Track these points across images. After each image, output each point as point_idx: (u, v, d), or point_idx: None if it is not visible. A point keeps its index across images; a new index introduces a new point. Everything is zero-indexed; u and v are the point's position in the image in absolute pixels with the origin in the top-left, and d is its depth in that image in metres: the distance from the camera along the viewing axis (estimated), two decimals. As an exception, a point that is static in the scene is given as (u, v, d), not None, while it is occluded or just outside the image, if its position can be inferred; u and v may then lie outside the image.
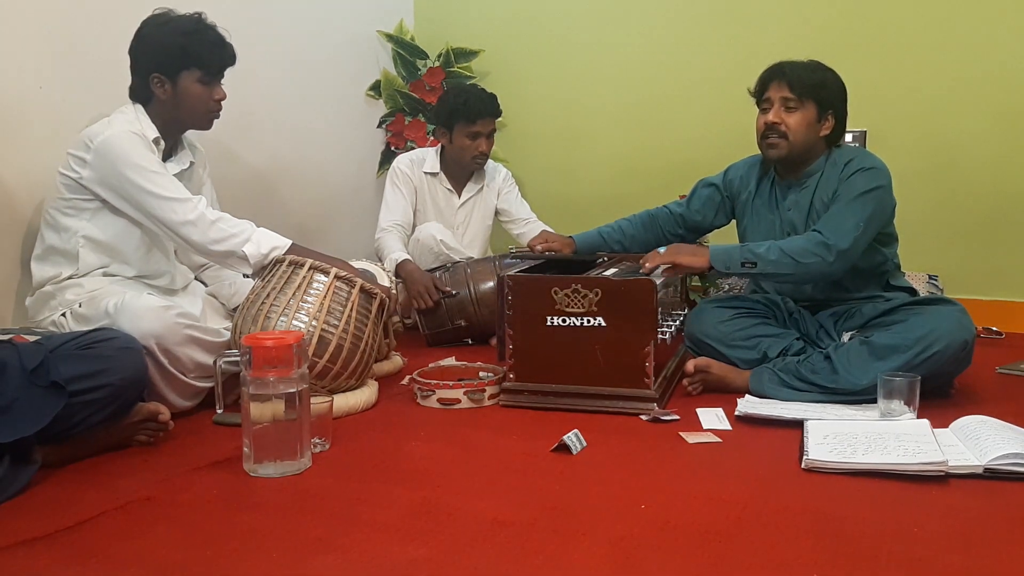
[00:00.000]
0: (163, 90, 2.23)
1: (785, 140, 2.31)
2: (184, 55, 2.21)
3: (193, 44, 2.21)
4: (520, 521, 1.48)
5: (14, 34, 2.34)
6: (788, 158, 2.35)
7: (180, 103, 2.25)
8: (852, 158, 2.34)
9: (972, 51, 3.18)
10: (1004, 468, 1.66)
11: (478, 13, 3.98)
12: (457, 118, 3.14)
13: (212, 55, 2.25)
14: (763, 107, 2.36)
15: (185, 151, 2.39)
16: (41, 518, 1.51)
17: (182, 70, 2.23)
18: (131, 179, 2.13)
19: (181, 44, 2.20)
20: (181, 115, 2.28)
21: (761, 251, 2.25)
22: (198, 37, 2.22)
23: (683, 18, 3.63)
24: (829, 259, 2.21)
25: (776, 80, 2.33)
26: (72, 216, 2.18)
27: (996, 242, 3.22)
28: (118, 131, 2.15)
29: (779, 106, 2.32)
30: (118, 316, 2.01)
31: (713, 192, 2.58)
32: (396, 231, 3.17)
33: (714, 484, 1.66)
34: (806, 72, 2.31)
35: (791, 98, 2.30)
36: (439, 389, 2.22)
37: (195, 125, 2.33)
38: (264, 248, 2.17)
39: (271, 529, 1.47)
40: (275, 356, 1.71)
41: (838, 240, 2.21)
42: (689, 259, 2.31)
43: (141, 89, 2.25)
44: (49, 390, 1.67)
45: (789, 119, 2.31)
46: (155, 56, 2.22)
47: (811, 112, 2.31)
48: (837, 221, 2.24)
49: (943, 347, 2.10)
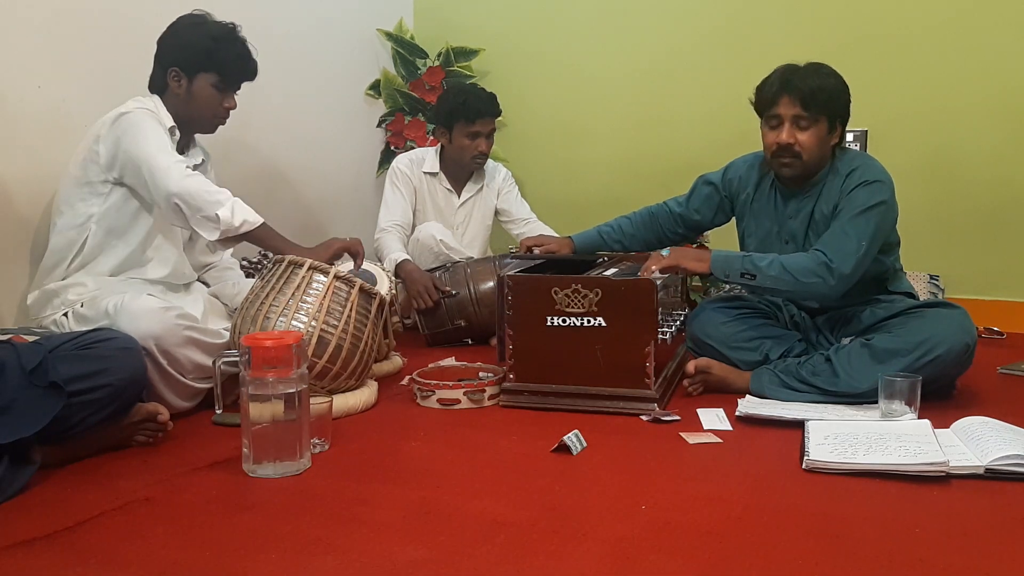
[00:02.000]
0: (178, 84, 2.27)
1: (799, 160, 2.24)
2: (207, 57, 2.25)
3: (219, 50, 2.26)
4: (520, 521, 1.48)
5: (14, 34, 2.34)
6: (799, 176, 2.29)
7: (190, 101, 2.28)
8: (855, 167, 2.26)
9: (973, 51, 3.18)
10: (1005, 469, 1.65)
11: (478, 12, 3.98)
12: (457, 118, 3.13)
13: (234, 65, 2.29)
14: (771, 123, 2.26)
15: (196, 149, 2.42)
16: (41, 518, 1.51)
17: (201, 71, 2.26)
18: (133, 136, 2.14)
19: (207, 47, 2.25)
20: (189, 113, 2.30)
21: (763, 265, 2.21)
22: (226, 45, 2.27)
23: (684, 18, 3.63)
24: (831, 282, 2.18)
25: (787, 95, 2.21)
26: (85, 200, 2.19)
27: (997, 242, 3.22)
28: (137, 108, 2.19)
29: (791, 124, 2.22)
30: (117, 317, 2.01)
31: (712, 191, 2.55)
32: (396, 231, 3.16)
33: (714, 484, 1.66)
34: (816, 85, 2.20)
35: (803, 116, 2.21)
36: (439, 389, 2.22)
37: (200, 127, 2.36)
38: (236, 220, 2.14)
39: (271, 529, 1.47)
40: (274, 356, 1.71)
41: (841, 264, 2.17)
42: (692, 264, 2.28)
43: (158, 79, 2.29)
44: (48, 390, 1.66)
45: (802, 137, 2.22)
46: (180, 51, 2.26)
47: (823, 127, 2.23)
48: (840, 241, 2.19)
49: (944, 351, 2.09)
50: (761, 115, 2.31)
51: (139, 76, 2.30)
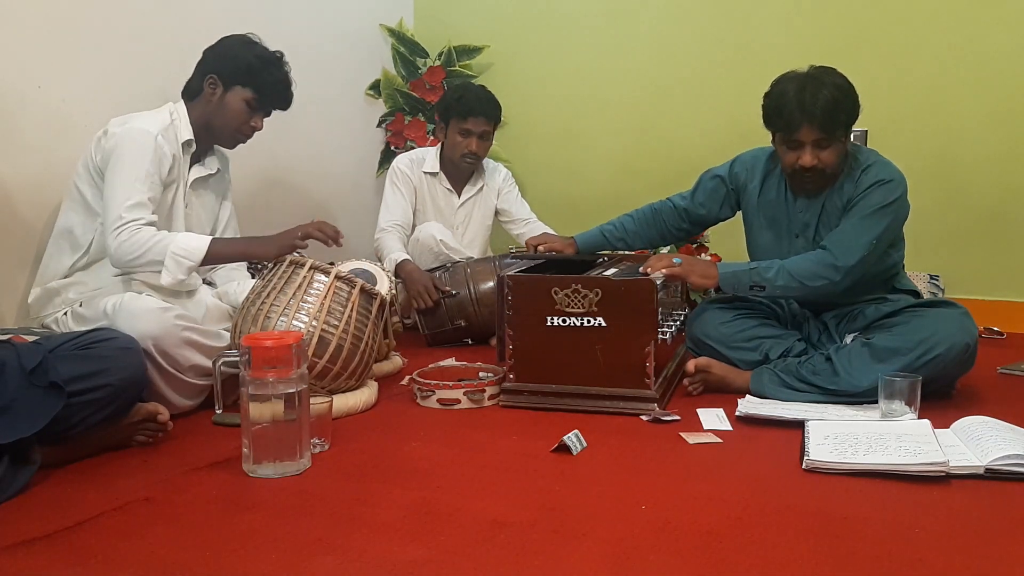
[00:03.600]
0: (212, 92, 2.30)
1: (823, 176, 2.24)
2: (248, 72, 2.29)
3: (262, 69, 2.31)
4: (520, 521, 1.48)
5: (14, 34, 2.34)
6: (824, 187, 2.29)
7: (219, 111, 2.31)
8: (869, 164, 2.26)
9: (974, 51, 3.18)
10: (1005, 469, 1.65)
11: (478, 11, 3.98)
12: (452, 113, 3.15)
13: (272, 88, 2.34)
14: (791, 145, 2.22)
15: (213, 157, 2.43)
16: (41, 518, 1.51)
17: (238, 84, 2.30)
18: (111, 169, 2.13)
19: (252, 64, 2.29)
20: (215, 123, 2.32)
21: (770, 275, 2.23)
22: (271, 68, 2.32)
23: (685, 16, 3.63)
24: (836, 279, 2.20)
25: (807, 124, 2.16)
26: (94, 200, 2.18)
27: (998, 242, 3.22)
28: (139, 126, 2.17)
29: (812, 147, 2.19)
30: (116, 316, 2.01)
31: (719, 184, 2.53)
32: (395, 231, 3.16)
33: (714, 484, 1.66)
34: (832, 106, 2.14)
35: (823, 138, 2.18)
36: (439, 389, 2.22)
37: (221, 139, 2.38)
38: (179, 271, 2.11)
39: (271, 529, 1.47)
40: (274, 356, 1.71)
41: (847, 259, 2.18)
42: (699, 280, 2.28)
43: (195, 83, 2.32)
44: (48, 390, 1.66)
45: (824, 155, 2.20)
46: (223, 61, 2.30)
47: (841, 141, 2.22)
48: (849, 238, 2.20)
49: (944, 350, 2.09)
50: (775, 131, 2.27)
51: (139, 76, 2.31)
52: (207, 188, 2.42)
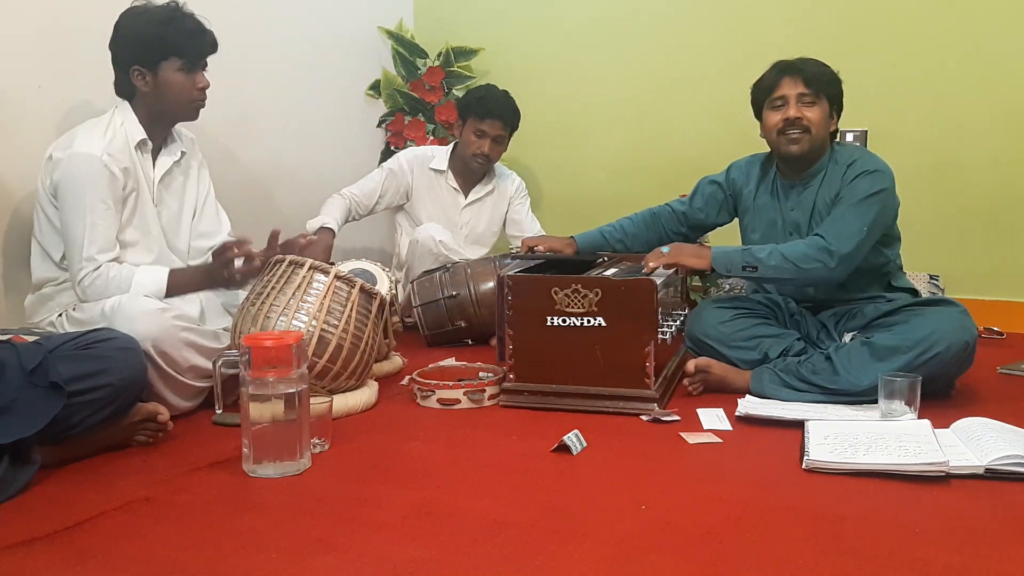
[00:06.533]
0: (144, 82, 2.19)
1: (808, 134, 2.30)
2: (162, 44, 2.17)
3: (170, 33, 2.16)
4: (520, 521, 1.48)
5: (13, 33, 2.34)
6: (808, 154, 2.33)
7: (163, 95, 2.21)
8: (855, 159, 2.33)
9: (974, 50, 3.18)
10: (1005, 469, 1.65)
11: (478, 12, 3.98)
12: (470, 112, 3.18)
13: (191, 43, 2.20)
14: (775, 104, 2.34)
15: (176, 143, 2.35)
16: (41, 518, 1.51)
17: (161, 60, 2.18)
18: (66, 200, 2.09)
19: (158, 33, 2.16)
20: (166, 107, 2.23)
21: (762, 256, 2.26)
22: (175, 26, 2.17)
23: (684, 17, 3.63)
24: (831, 264, 2.22)
25: (790, 76, 2.31)
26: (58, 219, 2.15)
27: (997, 242, 3.22)
28: (82, 151, 2.09)
29: (796, 101, 2.30)
30: (114, 317, 2.01)
31: (716, 190, 2.58)
32: (346, 201, 3.16)
33: (714, 484, 1.66)
34: (815, 68, 2.31)
35: (807, 93, 2.29)
36: (439, 389, 2.22)
37: (181, 116, 2.29)
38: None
39: (271, 529, 1.47)
40: (274, 356, 1.71)
41: (840, 245, 2.21)
42: (692, 260, 2.33)
43: (124, 83, 2.22)
44: (48, 390, 1.66)
45: (809, 113, 2.30)
46: (133, 48, 2.18)
47: (825, 107, 2.32)
48: (840, 225, 2.24)
49: (944, 348, 2.10)
50: (762, 104, 2.37)
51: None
52: (176, 174, 2.34)
